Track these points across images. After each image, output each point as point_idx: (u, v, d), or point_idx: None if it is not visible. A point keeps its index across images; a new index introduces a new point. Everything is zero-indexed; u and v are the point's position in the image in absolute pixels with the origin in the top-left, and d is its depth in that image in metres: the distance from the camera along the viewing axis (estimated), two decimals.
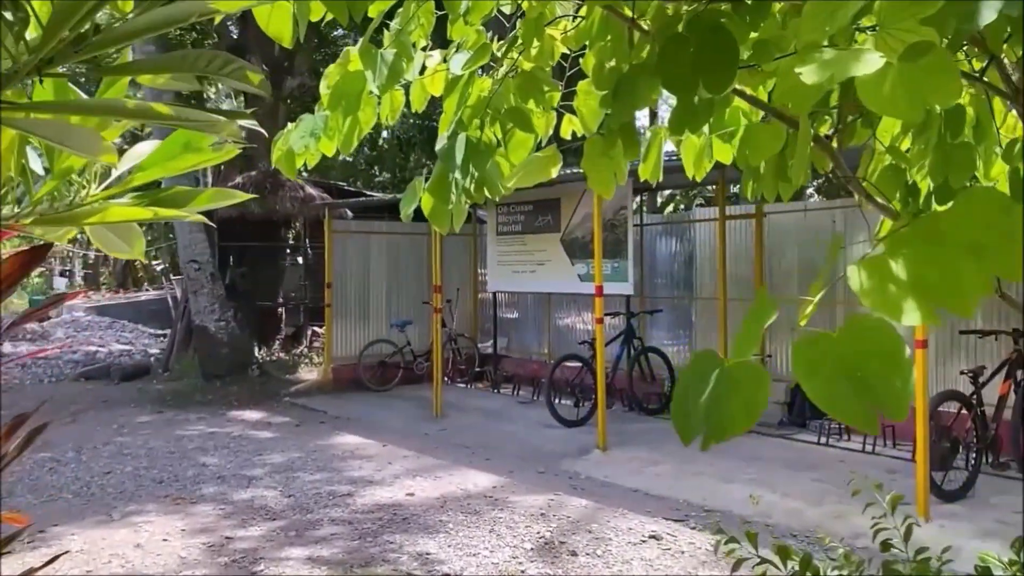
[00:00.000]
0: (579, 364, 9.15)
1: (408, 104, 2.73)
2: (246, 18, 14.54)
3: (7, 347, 15.98)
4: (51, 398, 11.40)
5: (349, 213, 13.61)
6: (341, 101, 2.49)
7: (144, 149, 1.30)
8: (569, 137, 3.01)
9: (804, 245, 8.97)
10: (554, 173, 2.52)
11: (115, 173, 1.30)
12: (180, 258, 12.03)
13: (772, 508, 6.11)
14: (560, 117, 2.68)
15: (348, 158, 30.45)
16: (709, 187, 22.87)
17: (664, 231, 10.44)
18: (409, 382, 11.85)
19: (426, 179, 2.70)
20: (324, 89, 2.53)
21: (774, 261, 9.23)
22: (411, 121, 28.32)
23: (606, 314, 10.01)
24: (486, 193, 2.76)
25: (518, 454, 7.96)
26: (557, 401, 8.95)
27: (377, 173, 30.80)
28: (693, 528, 5.75)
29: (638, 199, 10.55)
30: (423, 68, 2.61)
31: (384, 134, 29.82)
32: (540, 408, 9.98)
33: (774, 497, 6.30)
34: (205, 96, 17.50)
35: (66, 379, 13.28)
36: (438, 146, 2.63)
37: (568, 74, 2.57)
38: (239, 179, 13.66)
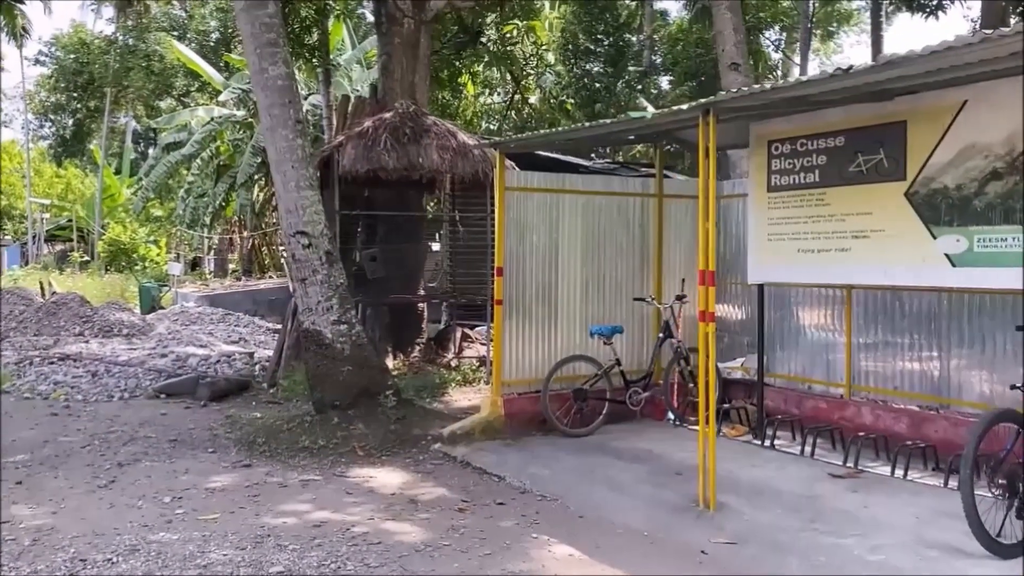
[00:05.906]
0: (1014, 426, 4.64)
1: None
2: None
3: (94, 345, 12.91)
4: (105, 430, 7.90)
5: (515, 168, 9.49)
6: None
7: None
8: None
9: None
10: None
11: None
12: (283, 228, 8.18)
13: None
14: None
15: (492, 125, 26.76)
16: None
17: None
18: (617, 420, 7.65)
19: None
20: None
21: None
22: (565, 80, 24.30)
23: None
24: None
25: None
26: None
27: None
28: None
29: None
30: None
31: (532, 99, 25.86)
32: (888, 492, 5.52)
33: None
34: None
35: (142, 395, 9.84)
36: None
37: None
38: (368, 123, 9.81)
